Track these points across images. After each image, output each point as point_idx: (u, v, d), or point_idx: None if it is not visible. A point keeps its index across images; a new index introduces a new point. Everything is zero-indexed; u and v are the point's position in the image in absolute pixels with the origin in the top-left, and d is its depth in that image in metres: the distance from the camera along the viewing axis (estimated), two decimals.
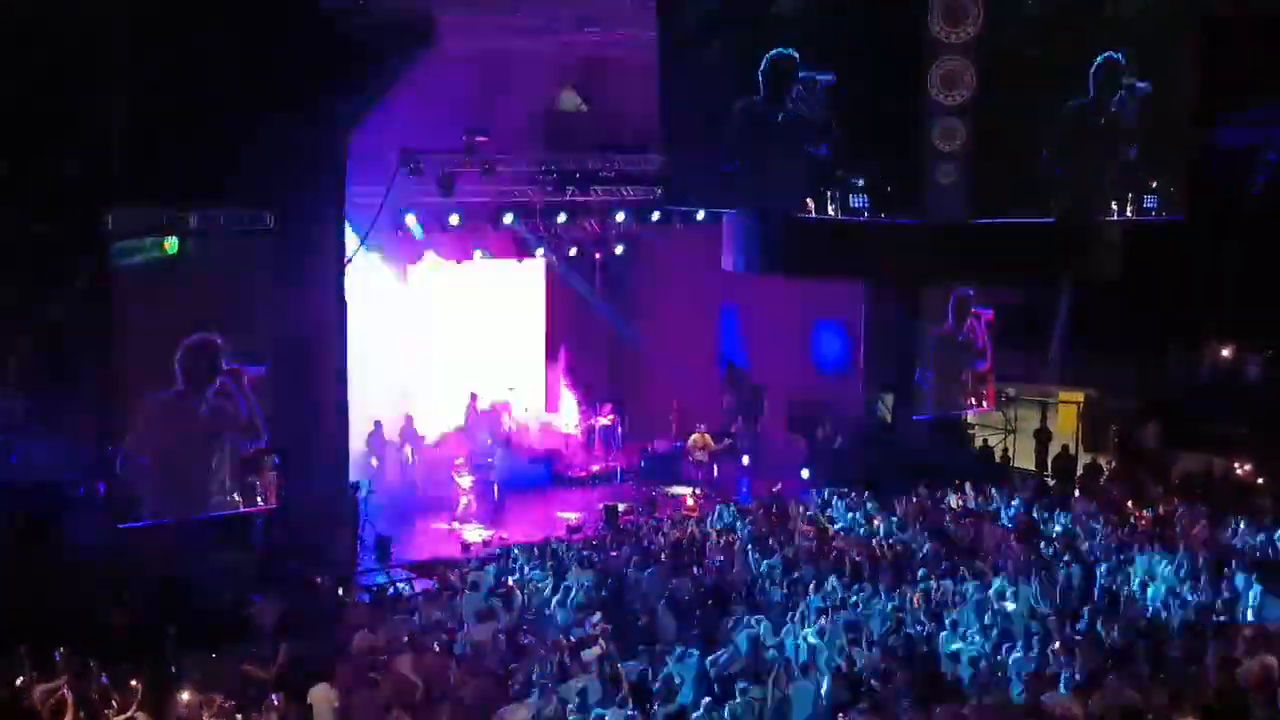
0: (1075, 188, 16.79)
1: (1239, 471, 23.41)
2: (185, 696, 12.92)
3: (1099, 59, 16.39)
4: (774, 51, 16.37)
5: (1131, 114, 16.74)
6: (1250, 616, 15.61)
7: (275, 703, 12.88)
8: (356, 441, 21.73)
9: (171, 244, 17.04)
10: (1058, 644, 14.08)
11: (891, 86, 16.07)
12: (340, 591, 17.37)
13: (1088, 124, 16.61)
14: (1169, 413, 27.44)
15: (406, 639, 14.84)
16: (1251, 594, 15.94)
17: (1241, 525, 19.26)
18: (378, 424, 23.05)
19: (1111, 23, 16.62)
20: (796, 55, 16.27)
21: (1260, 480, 22.60)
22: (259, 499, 17.92)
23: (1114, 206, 16.97)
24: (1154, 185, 17.16)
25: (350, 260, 19.50)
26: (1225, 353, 29.34)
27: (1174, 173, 17.35)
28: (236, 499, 17.79)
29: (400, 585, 18.59)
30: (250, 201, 17.47)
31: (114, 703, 12.72)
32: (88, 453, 16.96)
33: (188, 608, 16.04)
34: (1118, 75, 16.54)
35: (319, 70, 17.56)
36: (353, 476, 20.45)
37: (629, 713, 12.61)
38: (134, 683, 12.91)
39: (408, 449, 23.45)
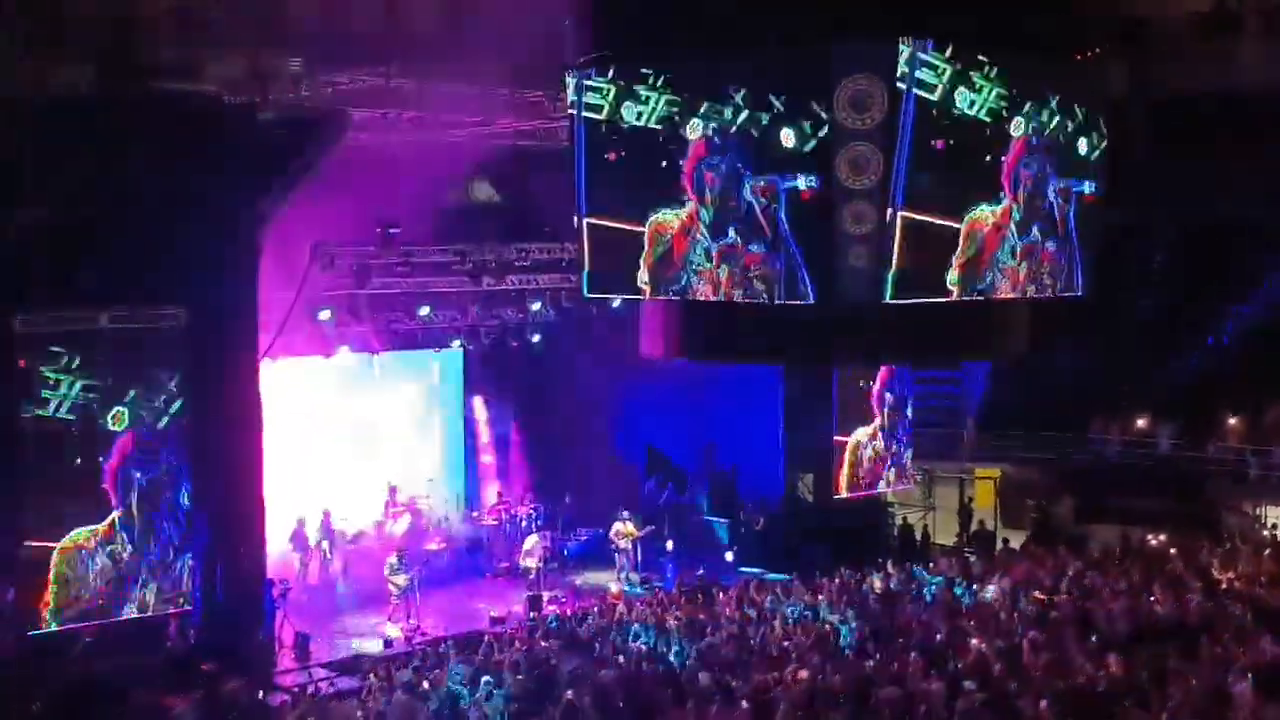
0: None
1: (1153, 543, 23.67)
2: None
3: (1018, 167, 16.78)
4: None
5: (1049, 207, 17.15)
6: None
7: None
8: (281, 539, 21.46)
9: None
10: None
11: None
12: (260, 694, 17.05)
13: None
14: (1083, 487, 27.88)
15: None
16: None
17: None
18: (301, 521, 22.74)
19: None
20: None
21: (1173, 551, 22.85)
22: (173, 600, 17.58)
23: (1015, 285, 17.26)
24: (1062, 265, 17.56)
25: (265, 356, 19.34)
26: (1141, 423, 29.80)
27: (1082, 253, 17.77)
28: (150, 600, 17.42)
29: (320, 684, 18.27)
30: (162, 300, 17.32)
31: None
32: None
33: (101, 713, 15.65)
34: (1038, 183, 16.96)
35: (230, 167, 17.51)
36: (276, 574, 20.15)
37: None
38: None
39: (325, 544, 23.12)
